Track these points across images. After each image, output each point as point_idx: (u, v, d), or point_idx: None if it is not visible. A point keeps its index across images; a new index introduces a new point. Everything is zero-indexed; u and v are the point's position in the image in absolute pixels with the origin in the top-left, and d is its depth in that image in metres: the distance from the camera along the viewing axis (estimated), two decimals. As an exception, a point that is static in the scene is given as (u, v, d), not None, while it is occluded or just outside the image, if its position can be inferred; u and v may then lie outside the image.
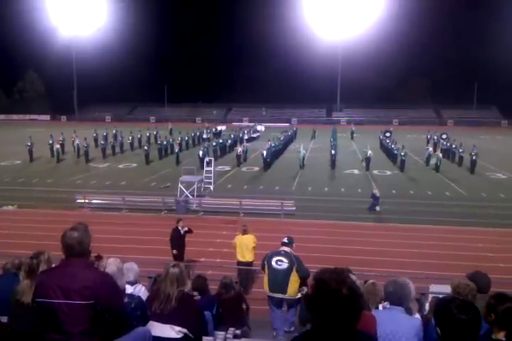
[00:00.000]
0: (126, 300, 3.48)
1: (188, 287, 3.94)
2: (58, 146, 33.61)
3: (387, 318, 3.27)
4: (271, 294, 6.98)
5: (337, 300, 2.07)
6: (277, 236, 15.72)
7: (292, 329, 7.49)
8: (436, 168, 28.94)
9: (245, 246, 11.29)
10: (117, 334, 3.10)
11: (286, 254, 6.88)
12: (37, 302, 3.04)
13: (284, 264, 6.79)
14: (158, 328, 3.87)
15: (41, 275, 3.32)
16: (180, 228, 12.25)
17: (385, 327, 3.20)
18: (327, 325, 2.10)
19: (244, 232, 11.55)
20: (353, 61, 68.14)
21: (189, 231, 12.31)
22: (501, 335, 2.95)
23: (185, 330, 3.84)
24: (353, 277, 3.27)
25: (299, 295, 6.98)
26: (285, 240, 7.27)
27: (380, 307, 3.92)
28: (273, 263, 6.87)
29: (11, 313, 3.80)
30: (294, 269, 6.76)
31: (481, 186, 24.79)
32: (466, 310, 2.51)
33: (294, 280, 6.76)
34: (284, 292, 6.81)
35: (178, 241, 12.10)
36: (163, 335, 3.83)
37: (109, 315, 2.97)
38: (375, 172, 28.88)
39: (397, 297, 3.53)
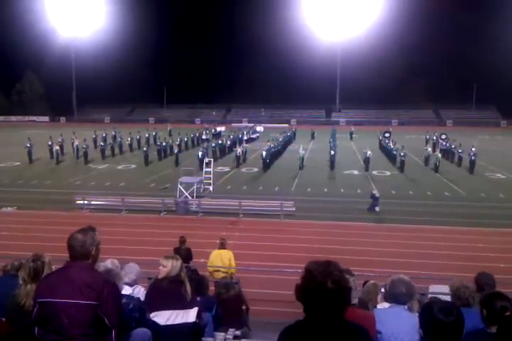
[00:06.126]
0: (124, 301, 3.45)
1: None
2: (57, 147, 33.60)
3: (391, 316, 3.25)
4: None
5: (322, 292, 2.09)
6: (277, 237, 15.84)
7: None
8: (436, 169, 28.95)
9: (221, 262, 9.89)
10: (116, 337, 3.08)
11: None
12: (39, 302, 3.02)
13: None
14: (169, 315, 3.79)
15: (44, 276, 3.33)
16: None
17: (388, 325, 3.17)
18: (314, 316, 2.13)
19: (222, 246, 10.25)
20: (352, 62, 68.17)
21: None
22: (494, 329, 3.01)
23: (196, 309, 3.78)
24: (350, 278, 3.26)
25: None
26: None
27: (380, 306, 3.91)
28: None
29: (11, 317, 3.76)
30: None
31: (480, 186, 24.78)
32: (449, 313, 2.47)
33: None
34: None
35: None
36: (175, 322, 3.76)
37: (107, 318, 2.95)
38: (375, 172, 28.88)
39: (407, 297, 3.50)
